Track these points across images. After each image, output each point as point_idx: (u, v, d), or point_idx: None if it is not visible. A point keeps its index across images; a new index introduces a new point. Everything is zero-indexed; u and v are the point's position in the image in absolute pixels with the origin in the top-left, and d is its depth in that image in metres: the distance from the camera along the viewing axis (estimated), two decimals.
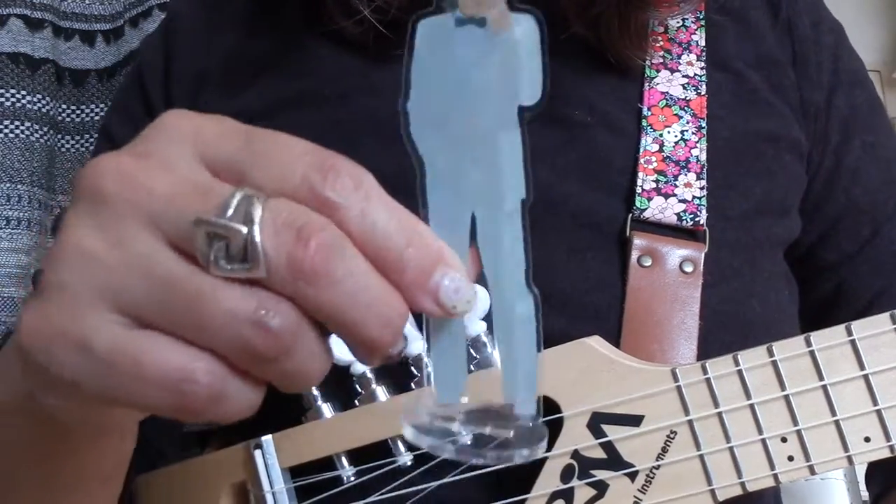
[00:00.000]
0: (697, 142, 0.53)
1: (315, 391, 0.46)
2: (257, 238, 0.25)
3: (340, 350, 0.45)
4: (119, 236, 0.26)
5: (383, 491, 0.45)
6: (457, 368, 0.30)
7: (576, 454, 0.42)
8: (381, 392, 0.45)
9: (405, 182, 0.52)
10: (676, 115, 0.53)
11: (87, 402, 0.28)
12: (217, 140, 0.28)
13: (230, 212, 0.25)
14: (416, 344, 0.45)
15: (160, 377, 0.26)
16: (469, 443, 0.29)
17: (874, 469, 0.59)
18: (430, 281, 0.27)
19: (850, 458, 0.41)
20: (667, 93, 0.54)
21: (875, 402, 0.41)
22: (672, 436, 0.42)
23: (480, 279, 0.29)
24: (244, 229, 0.25)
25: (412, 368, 0.45)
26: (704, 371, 0.42)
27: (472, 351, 0.44)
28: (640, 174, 0.51)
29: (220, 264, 0.25)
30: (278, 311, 0.26)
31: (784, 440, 0.41)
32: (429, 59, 0.30)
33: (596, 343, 0.43)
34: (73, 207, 0.28)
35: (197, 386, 0.26)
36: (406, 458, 0.44)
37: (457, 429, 0.30)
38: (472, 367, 0.44)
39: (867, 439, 0.41)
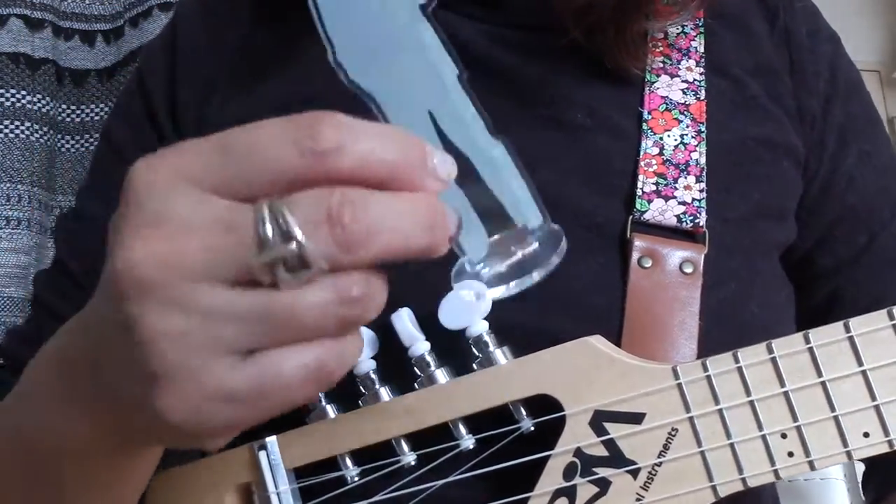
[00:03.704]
0: (697, 146, 0.53)
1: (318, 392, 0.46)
2: (307, 247, 0.28)
3: None
4: (185, 306, 0.29)
5: (387, 491, 0.45)
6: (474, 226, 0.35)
7: (578, 452, 0.43)
8: (385, 392, 0.45)
9: None
10: (676, 119, 0.54)
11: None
12: (200, 167, 0.30)
13: (270, 235, 0.28)
14: (418, 345, 0.45)
15: (302, 378, 0.30)
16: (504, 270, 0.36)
17: (870, 473, 0.60)
18: (427, 169, 0.30)
19: (849, 454, 0.41)
20: (667, 97, 0.55)
21: (873, 398, 0.41)
22: (673, 433, 0.42)
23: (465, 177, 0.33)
24: (294, 247, 0.28)
25: (415, 369, 0.45)
26: (705, 368, 0.42)
27: (474, 350, 0.45)
28: (641, 177, 0.52)
29: (288, 280, 0.28)
30: (352, 283, 0.29)
31: (784, 436, 0.42)
32: (334, 6, 0.34)
33: (597, 342, 0.44)
34: (126, 305, 0.29)
35: (329, 368, 0.30)
36: (410, 458, 0.45)
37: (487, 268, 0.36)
38: (475, 366, 0.45)
39: (866, 434, 0.41)
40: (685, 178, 0.52)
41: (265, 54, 0.58)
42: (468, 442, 0.44)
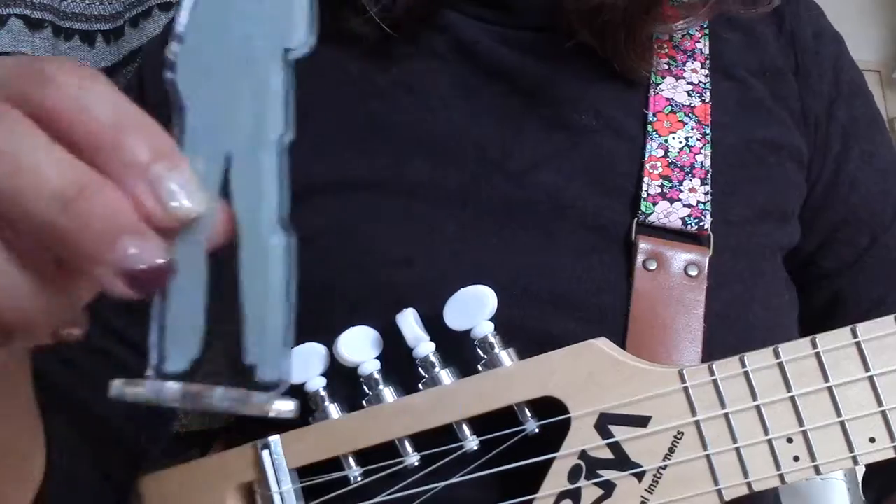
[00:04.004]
0: (702, 148, 0.53)
1: (322, 392, 0.46)
2: None
3: (348, 351, 0.45)
4: None
5: (390, 491, 0.45)
6: (190, 328, 0.29)
7: (583, 454, 0.43)
8: (389, 393, 0.45)
9: (405, 185, 0.53)
10: (681, 121, 0.54)
11: None
12: None
13: None
14: (423, 345, 0.45)
15: None
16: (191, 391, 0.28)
17: (872, 474, 0.60)
18: (149, 172, 0.26)
19: (854, 459, 0.41)
20: (672, 99, 0.55)
21: (880, 403, 0.41)
22: (679, 436, 0.42)
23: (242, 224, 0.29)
24: None
25: (420, 370, 0.45)
26: (711, 372, 0.42)
27: (479, 351, 0.45)
28: (646, 179, 0.52)
29: None
30: None
31: (790, 441, 0.41)
32: (209, 4, 0.31)
33: (603, 344, 0.43)
34: None
35: None
36: (413, 459, 0.45)
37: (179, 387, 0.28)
38: (480, 367, 0.44)
39: (872, 440, 0.41)
40: (690, 180, 0.52)
41: None
42: (472, 443, 0.44)
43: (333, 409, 0.46)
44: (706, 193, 0.52)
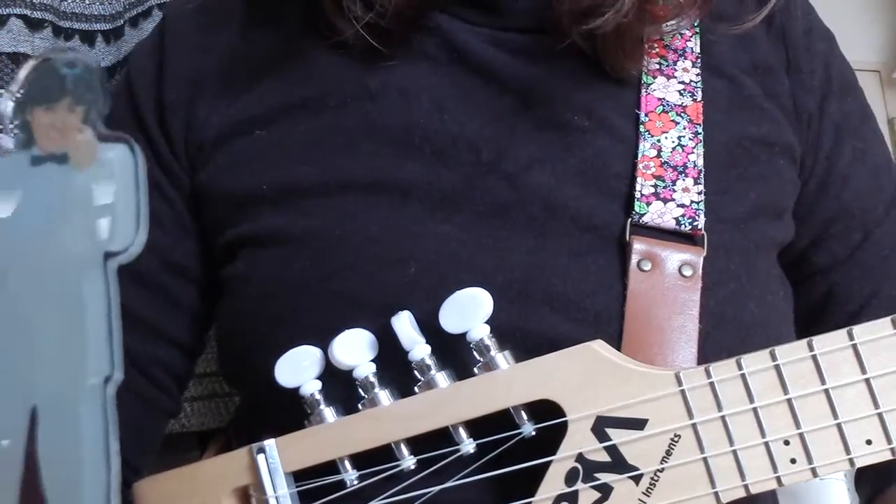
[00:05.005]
0: (694, 147, 0.53)
1: (318, 395, 0.46)
2: None
3: (343, 354, 0.45)
4: None
5: (386, 494, 0.45)
6: None
7: (580, 457, 0.43)
8: (385, 396, 0.45)
9: (399, 187, 0.53)
10: (673, 120, 0.54)
11: None
12: None
13: None
14: (418, 348, 0.45)
15: None
16: None
17: (861, 475, 0.60)
18: None
19: (851, 461, 0.41)
20: (664, 99, 0.55)
21: (876, 406, 0.41)
22: (676, 439, 0.42)
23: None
24: None
25: (416, 372, 0.45)
26: (708, 375, 0.42)
27: (475, 354, 0.44)
28: (639, 179, 0.52)
29: None
30: None
31: (787, 443, 0.41)
32: None
33: (600, 347, 0.43)
34: None
35: None
36: (409, 462, 0.44)
37: None
38: (476, 370, 0.44)
39: (869, 442, 0.41)
40: (683, 180, 0.52)
41: (260, 55, 0.58)
42: (469, 446, 0.44)
43: (329, 413, 0.46)
44: (699, 193, 0.52)
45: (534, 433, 0.43)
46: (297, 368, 0.46)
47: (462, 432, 0.44)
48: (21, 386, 0.21)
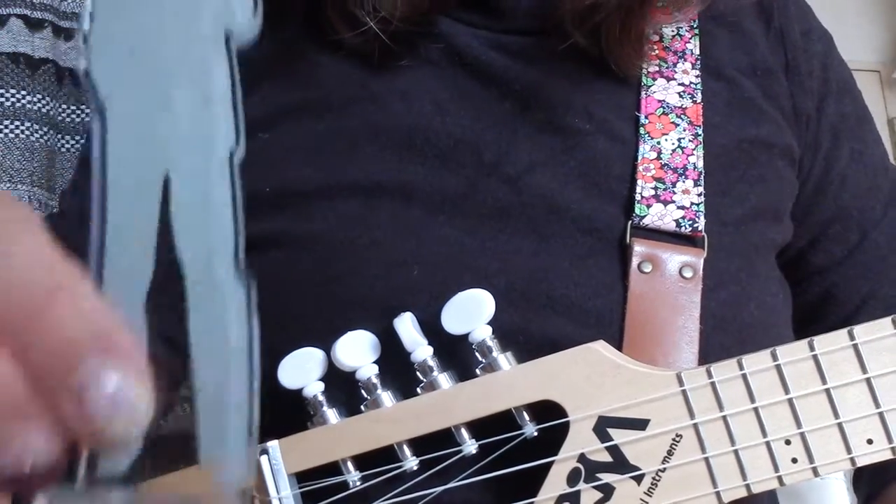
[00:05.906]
0: (694, 149, 0.53)
1: (321, 396, 0.46)
2: None
3: (345, 355, 0.46)
4: None
5: (389, 495, 0.45)
6: None
7: (582, 458, 0.43)
8: (387, 397, 0.45)
9: (401, 189, 0.53)
10: (673, 122, 0.54)
11: None
12: None
13: None
14: (421, 349, 0.45)
15: None
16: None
17: (859, 475, 0.60)
18: (69, 377, 0.19)
19: (852, 460, 0.42)
20: (663, 101, 0.55)
21: (877, 405, 0.41)
22: (677, 439, 0.42)
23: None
24: None
25: (418, 374, 0.45)
26: (709, 375, 0.42)
27: (477, 355, 0.45)
28: (639, 181, 0.52)
29: None
30: None
31: (788, 443, 0.42)
32: None
33: (601, 348, 0.44)
34: None
35: None
36: (412, 463, 0.45)
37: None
38: (478, 371, 0.44)
39: (870, 441, 0.41)
40: (683, 182, 0.52)
41: (262, 58, 0.58)
42: (471, 447, 0.44)
43: (332, 414, 0.46)
44: (699, 195, 0.52)
45: (536, 434, 0.43)
46: (300, 370, 0.46)
47: (464, 433, 0.44)
48: (158, 154, 0.23)
